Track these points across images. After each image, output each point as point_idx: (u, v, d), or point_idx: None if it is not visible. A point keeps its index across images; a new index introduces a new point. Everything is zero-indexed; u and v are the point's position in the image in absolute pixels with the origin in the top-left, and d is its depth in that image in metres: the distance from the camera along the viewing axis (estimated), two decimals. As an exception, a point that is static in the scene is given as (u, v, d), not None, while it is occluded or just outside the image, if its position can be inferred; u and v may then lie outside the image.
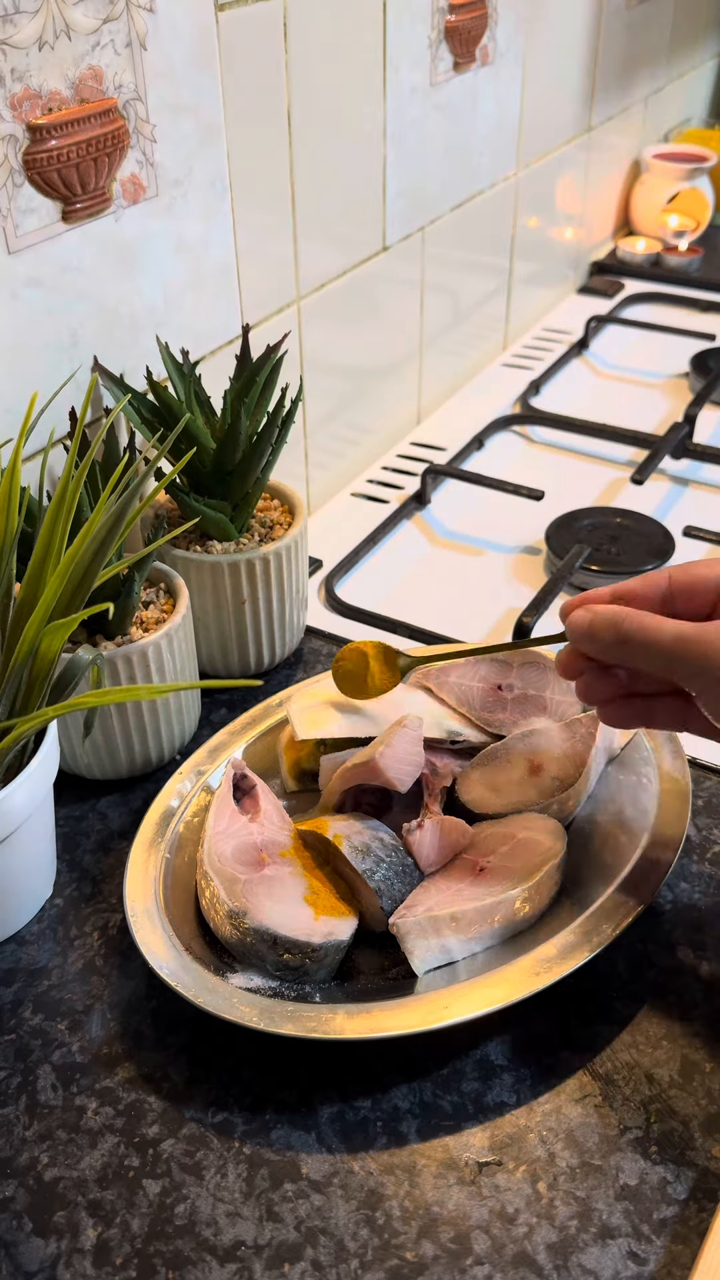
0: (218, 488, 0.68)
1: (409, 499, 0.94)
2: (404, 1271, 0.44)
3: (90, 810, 0.65)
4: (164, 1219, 0.45)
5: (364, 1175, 0.47)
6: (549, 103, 1.12)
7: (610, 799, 0.60)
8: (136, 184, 0.65)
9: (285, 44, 0.73)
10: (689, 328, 1.23)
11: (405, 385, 1.03)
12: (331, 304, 0.87)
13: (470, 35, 0.93)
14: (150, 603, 0.65)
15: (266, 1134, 0.48)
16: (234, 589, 0.68)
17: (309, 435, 0.90)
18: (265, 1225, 0.45)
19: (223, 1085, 0.50)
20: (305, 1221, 0.45)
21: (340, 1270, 0.44)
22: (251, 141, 0.73)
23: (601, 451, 1.02)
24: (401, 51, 0.85)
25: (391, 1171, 0.47)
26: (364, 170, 0.86)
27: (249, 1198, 0.46)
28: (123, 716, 0.63)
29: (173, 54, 0.64)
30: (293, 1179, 0.47)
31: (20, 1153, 0.48)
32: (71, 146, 0.60)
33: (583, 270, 1.35)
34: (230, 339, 0.77)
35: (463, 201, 1.02)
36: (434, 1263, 0.44)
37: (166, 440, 0.54)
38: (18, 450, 0.51)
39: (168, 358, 0.68)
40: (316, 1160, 0.47)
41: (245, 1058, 0.51)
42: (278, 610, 0.71)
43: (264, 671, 0.74)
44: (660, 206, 1.38)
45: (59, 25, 0.57)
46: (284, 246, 0.80)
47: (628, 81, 1.31)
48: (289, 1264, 0.44)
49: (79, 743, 0.63)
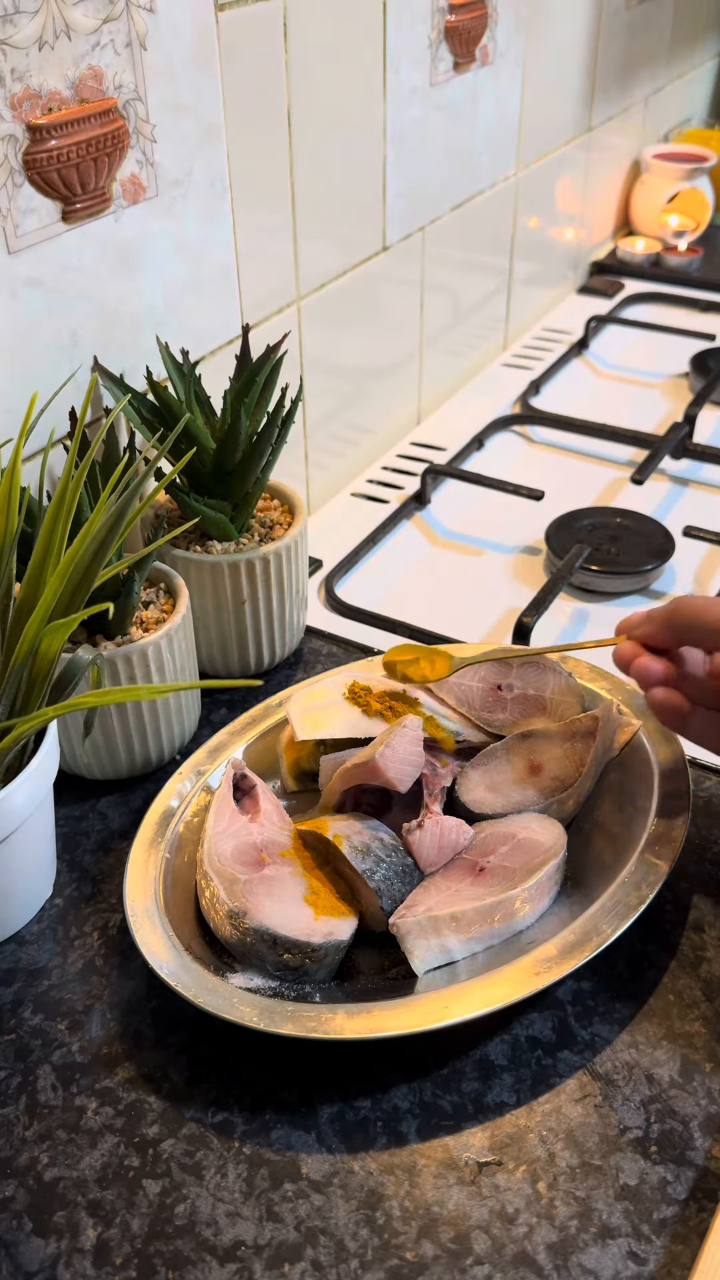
0: (218, 488, 0.68)
1: (409, 499, 0.94)
2: (404, 1271, 0.44)
3: (90, 810, 0.65)
4: (164, 1219, 0.45)
5: (364, 1175, 0.47)
6: (549, 103, 1.12)
7: (610, 799, 0.60)
8: (136, 184, 0.65)
9: (285, 44, 0.73)
10: (689, 328, 1.23)
11: (405, 385, 1.03)
12: (331, 304, 0.87)
13: (470, 35, 0.93)
14: (150, 603, 0.65)
15: (266, 1134, 0.48)
16: (234, 589, 0.68)
17: (309, 435, 0.90)
18: (265, 1225, 0.45)
19: (223, 1085, 0.50)
20: (305, 1221, 0.45)
21: (340, 1270, 0.44)
22: (251, 141, 0.73)
23: (601, 451, 1.02)
24: (401, 51, 0.85)
25: (391, 1171, 0.47)
26: (364, 170, 0.86)
27: (249, 1198, 0.46)
28: (123, 716, 0.63)
29: (173, 54, 0.64)
30: (293, 1179, 0.47)
31: (20, 1153, 0.48)
32: (71, 146, 0.60)
33: (583, 270, 1.35)
34: (230, 339, 0.77)
35: (463, 201, 1.02)
36: (434, 1263, 0.44)
37: (166, 440, 0.54)
38: (18, 450, 0.51)
39: (168, 358, 0.68)
40: (316, 1160, 0.47)
41: (245, 1058, 0.51)
42: (278, 610, 0.71)
43: (264, 671, 0.74)
44: (660, 206, 1.38)
45: (59, 25, 0.57)
46: (284, 246, 0.80)
47: (628, 81, 1.31)
48: (289, 1264, 0.44)
49: (79, 743, 0.63)
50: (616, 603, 0.82)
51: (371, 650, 0.76)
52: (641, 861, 0.55)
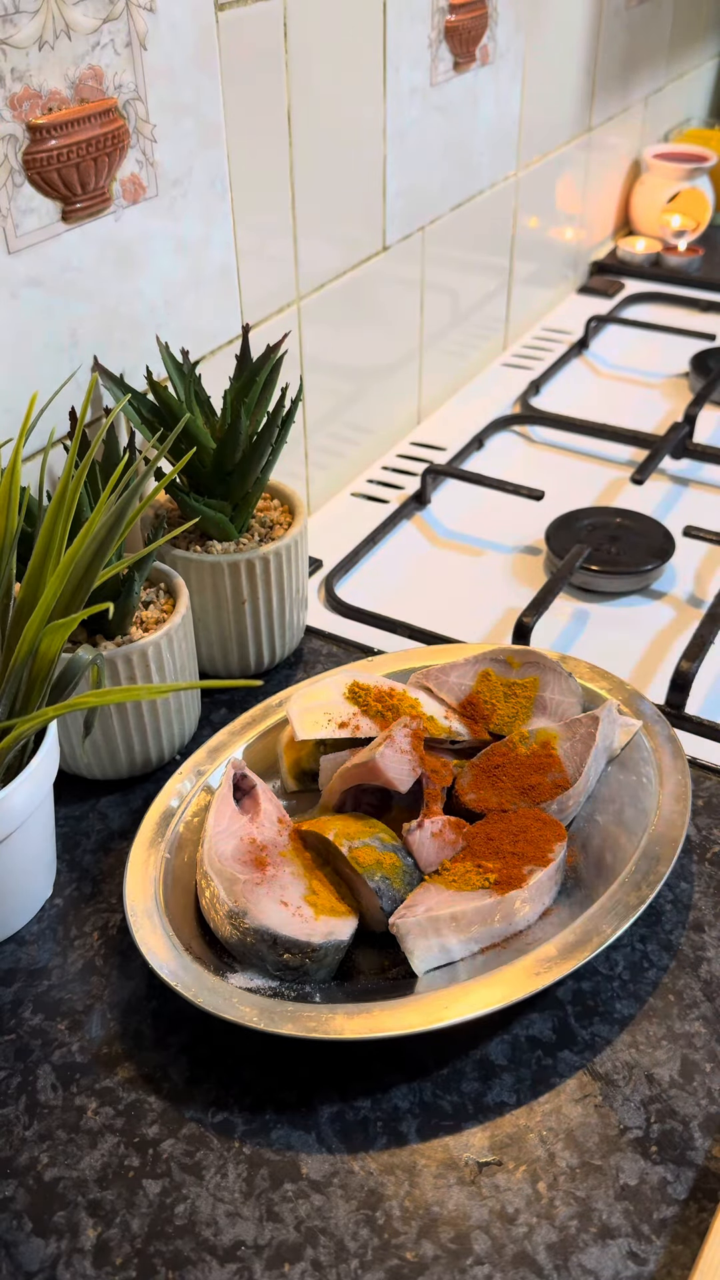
0: (218, 488, 0.68)
1: (409, 499, 0.94)
2: (404, 1271, 0.44)
3: (90, 810, 0.65)
4: (164, 1219, 0.45)
5: (364, 1175, 0.47)
6: (549, 103, 1.12)
7: (610, 799, 0.60)
8: (137, 184, 0.65)
9: (285, 44, 0.73)
10: (689, 327, 1.23)
11: (405, 385, 1.03)
12: (331, 304, 0.87)
13: (470, 35, 0.93)
14: (150, 603, 0.65)
15: (266, 1134, 0.48)
16: (234, 589, 0.68)
17: (309, 435, 0.90)
18: (265, 1225, 0.45)
19: (223, 1085, 0.50)
20: (305, 1221, 0.45)
21: (340, 1270, 0.44)
22: (252, 141, 0.73)
23: (601, 451, 1.02)
24: (401, 51, 0.85)
25: (391, 1171, 0.47)
26: (364, 170, 0.86)
27: (249, 1198, 0.46)
28: (123, 716, 0.63)
29: (173, 54, 0.64)
30: (293, 1179, 0.47)
31: (20, 1153, 0.48)
32: (71, 146, 0.60)
33: (583, 270, 1.35)
34: (230, 339, 0.77)
35: (463, 201, 1.02)
36: (434, 1263, 0.44)
37: (166, 440, 0.54)
38: (18, 450, 0.51)
39: (168, 358, 0.68)
40: (317, 1160, 0.47)
41: (245, 1057, 0.51)
42: (278, 610, 0.71)
43: (264, 671, 0.74)
44: (660, 206, 1.38)
45: (59, 25, 0.57)
46: (284, 246, 0.80)
47: (628, 81, 1.31)
48: (289, 1264, 0.44)
49: (79, 743, 0.63)
50: (616, 603, 0.82)
51: (372, 650, 0.76)
52: (641, 861, 0.55)
